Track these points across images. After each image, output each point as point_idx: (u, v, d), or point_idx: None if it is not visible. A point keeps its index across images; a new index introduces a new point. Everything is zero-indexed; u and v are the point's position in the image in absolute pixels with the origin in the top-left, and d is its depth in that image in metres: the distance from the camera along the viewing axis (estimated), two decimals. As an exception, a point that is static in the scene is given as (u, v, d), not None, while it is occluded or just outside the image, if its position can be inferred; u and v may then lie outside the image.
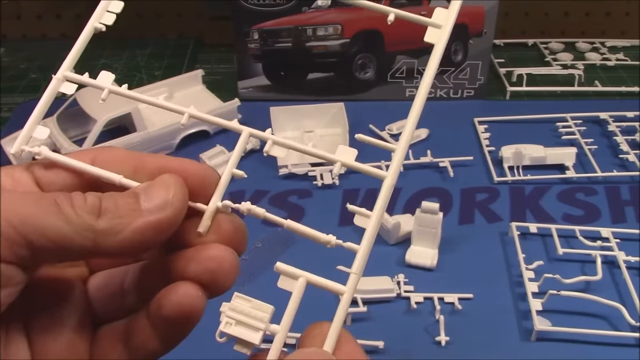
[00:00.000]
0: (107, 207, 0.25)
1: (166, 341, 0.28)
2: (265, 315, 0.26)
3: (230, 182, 0.29)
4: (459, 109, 0.85)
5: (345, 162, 0.28)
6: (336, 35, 0.81)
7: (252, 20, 0.81)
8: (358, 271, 0.26)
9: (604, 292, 0.58)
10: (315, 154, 0.29)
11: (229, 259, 0.27)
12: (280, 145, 0.29)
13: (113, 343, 0.29)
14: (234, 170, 0.29)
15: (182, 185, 0.27)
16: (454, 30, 0.29)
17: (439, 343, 0.54)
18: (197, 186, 0.28)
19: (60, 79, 0.31)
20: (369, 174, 0.28)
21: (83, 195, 0.26)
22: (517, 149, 0.73)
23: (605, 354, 0.54)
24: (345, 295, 0.26)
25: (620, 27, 1.02)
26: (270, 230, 0.65)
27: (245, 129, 0.29)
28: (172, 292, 0.26)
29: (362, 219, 0.27)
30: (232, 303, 0.26)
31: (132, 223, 0.25)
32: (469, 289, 0.59)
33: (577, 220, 0.67)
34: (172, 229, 0.26)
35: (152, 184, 0.27)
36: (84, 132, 0.74)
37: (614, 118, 0.81)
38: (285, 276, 0.26)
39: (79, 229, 0.24)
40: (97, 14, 0.31)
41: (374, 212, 0.27)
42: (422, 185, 0.72)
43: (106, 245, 0.25)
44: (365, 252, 0.27)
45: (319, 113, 0.79)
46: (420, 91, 0.28)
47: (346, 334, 0.26)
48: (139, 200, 0.26)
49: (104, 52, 0.98)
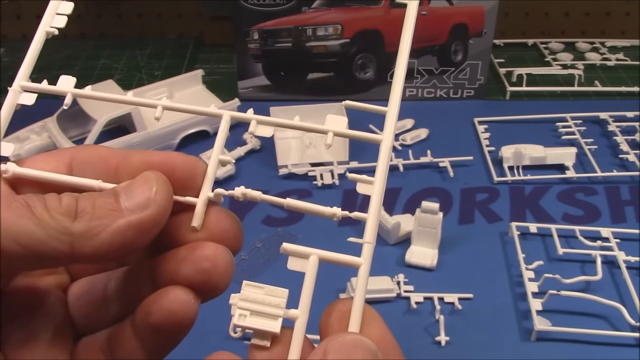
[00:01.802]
0: (84, 208, 0.23)
1: (153, 352, 0.26)
2: (282, 300, 0.24)
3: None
4: (459, 109, 0.85)
5: (337, 130, 0.27)
6: (336, 35, 0.81)
7: (252, 20, 0.81)
8: (371, 239, 0.25)
9: (604, 292, 0.58)
10: (304, 127, 0.27)
11: (224, 258, 0.25)
12: (265, 124, 0.27)
13: (95, 355, 0.27)
14: (221, 157, 0.27)
15: (164, 181, 0.25)
16: (454, 30, 0.29)
17: (439, 343, 0.54)
18: (185, 179, 0.26)
19: (18, 90, 0.29)
20: (363, 140, 0.27)
21: (58, 196, 0.24)
22: (517, 149, 0.73)
23: (605, 354, 0.54)
24: (362, 267, 0.25)
25: (620, 27, 1.02)
26: (270, 230, 0.65)
27: (226, 112, 0.28)
28: (161, 297, 0.25)
29: (365, 186, 0.26)
30: (242, 293, 0.24)
31: (111, 224, 0.23)
32: (469, 289, 0.59)
33: (577, 220, 0.67)
34: (156, 228, 0.24)
35: (133, 182, 0.25)
36: (84, 132, 0.74)
37: (614, 118, 0.81)
38: (294, 257, 0.25)
39: (54, 232, 0.22)
40: (47, 18, 0.30)
41: (375, 177, 0.26)
42: (422, 185, 0.72)
43: (85, 250, 0.23)
44: (375, 219, 0.25)
45: (319, 113, 0.79)
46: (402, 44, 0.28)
47: (370, 310, 0.25)
48: (119, 200, 0.24)
49: (104, 52, 0.98)
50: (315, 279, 0.25)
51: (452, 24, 0.81)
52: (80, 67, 0.94)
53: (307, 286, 0.24)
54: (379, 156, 0.26)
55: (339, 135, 0.27)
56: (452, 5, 0.80)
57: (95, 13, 1.01)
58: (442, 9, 0.80)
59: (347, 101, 0.27)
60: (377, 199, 0.26)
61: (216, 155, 0.27)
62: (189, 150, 0.75)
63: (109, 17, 1.02)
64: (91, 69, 0.93)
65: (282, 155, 0.74)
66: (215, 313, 0.32)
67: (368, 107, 0.27)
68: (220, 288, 0.25)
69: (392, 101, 0.27)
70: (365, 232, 0.25)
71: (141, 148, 0.72)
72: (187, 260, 0.25)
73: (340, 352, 0.22)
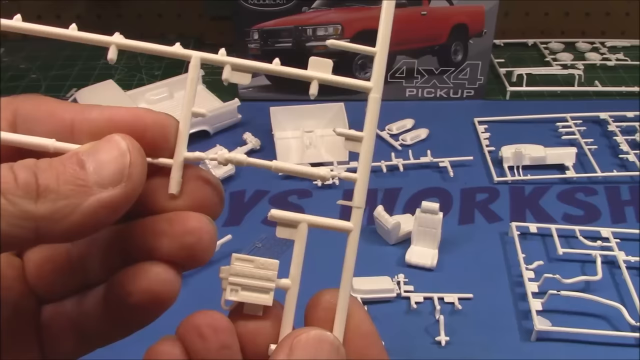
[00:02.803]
0: (46, 184, 0.20)
1: (128, 327, 0.24)
2: (273, 273, 0.24)
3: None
4: (459, 109, 0.85)
5: (322, 77, 0.24)
6: (336, 35, 0.81)
7: (252, 20, 0.81)
8: (360, 203, 0.24)
9: (604, 292, 0.58)
10: (285, 72, 0.25)
11: (208, 230, 0.23)
12: (241, 69, 0.24)
13: (63, 325, 0.24)
14: (194, 109, 0.24)
15: (138, 149, 0.22)
16: (454, 30, 0.29)
17: (439, 343, 0.54)
18: (156, 139, 0.23)
19: None
20: (350, 87, 0.25)
21: (11, 169, 0.20)
22: (517, 149, 0.73)
23: (605, 354, 0.54)
24: (352, 232, 0.24)
25: (620, 27, 1.02)
26: (270, 230, 0.65)
27: (195, 53, 0.25)
28: (141, 276, 0.22)
29: (352, 143, 0.24)
30: (232, 267, 0.23)
31: (81, 204, 0.20)
32: (469, 289, 0.59)
33: (577, 220, 0.67)
34: (130, 203, 0.21)
35: (99, 146, 0.21)
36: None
37: (614, 118, 0.81)
38: (282, 225, 0.24)
39: (14, 219, 0.19)
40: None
41: (364, 131, 0.24)
42: (422, 185, 0.72)
43: (52, 234, 0.20)
44: (365, 180, 0.24)
45: (319, 113, 0.79)
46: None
47: (355, 302, 0.24)
48: (86, 170, 0.20)
49: (104, 52, 0.97)
50: (305, 246, 0.24)
51: (452, 24, 0.81)
52: (80, 67, 0.94)
53: (296, 254, 0.24)
54: (367, 108, 0.24)
55: (324, 82, 0.24)
56: (452, 5, 0.80)
57: (95, 13, 1.01)
58: (442, 9, 0.80)
59: (330, 40, 0.24)
60: (367, 156, 0.24)
61: (188, 107, 0.24)
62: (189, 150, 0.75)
63: (109, 17, 1.02)
64: (91, 69, 0.93)
65: (282, 155, 0.74)
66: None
67: (354, 46, 0.24)
68: (204, 261, 0.23)
69: (380, 41, 0.24)
70: (354, 195, 0.24)
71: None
72: (168, 235, 0.23)
73: (306, 349, 0.22)
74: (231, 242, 0.62)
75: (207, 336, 0.23)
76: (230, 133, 0.79)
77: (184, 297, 0.25)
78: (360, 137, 0.24)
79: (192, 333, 0.23)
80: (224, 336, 0.23)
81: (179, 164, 0.23)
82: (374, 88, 0.24)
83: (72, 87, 0.88)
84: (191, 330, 0.23)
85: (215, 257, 0.61)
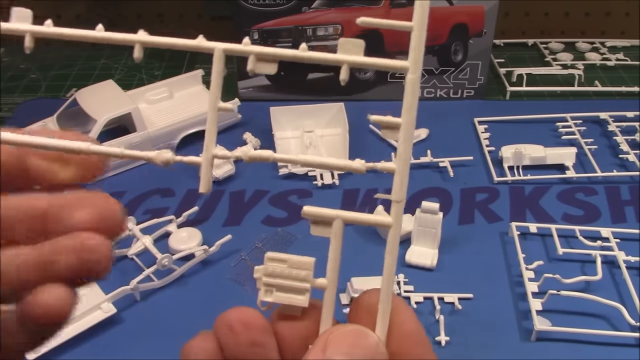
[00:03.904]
0: None
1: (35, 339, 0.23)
2: (308, 273, 0.23)
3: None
4: (459, 109, 0.85)
5: (353, 60, 0.23)
6: (336, 35, 0.81)
7: (252, 20, 0.81)
8: (400, 197, 0.22)
9: (604, 292, 0.58)
10: (313, 58, 0.23)
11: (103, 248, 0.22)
12: (266, 59, 0.23)
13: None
14: (220, 104, 0.23)
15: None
16: (454, 30, 0.28)
17: (439, 343, 0.54)
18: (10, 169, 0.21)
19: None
20: (385, 69, 0.22)
21: None
22: (517, 149, 0.73)
23: (605, 354, 0.54)
24: (392, 228, 0.22)
25: (620, 27, 1.03)
26: (270, 230, 0.65)
27: (219, 44, 0.23)
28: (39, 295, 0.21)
29: (389, 132, 0.22)
30: (266, 267, 0.23)
31: None
32: (469, 289, 0.59)
33: (577, 220, 0.67)
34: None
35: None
36: (84, 132, 0.74)
37: (614, 118, 0.81)
38: (316, 223, 0.22)
39: None
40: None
41: (402, 118, 0.22)
42: (422, 185, 0.72)
43: None
44: (404, 172, 0.22)
45: (319, 113, 0.79)
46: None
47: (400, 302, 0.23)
48: None
49: (104, 52, 0.98)
50: (341, 244, 0.22)
51: (452, 24, 0.81)
52: (80, 67, 0.94)
53: (333, 252, 0.22)
54: (405, 91, 0.22)
55: (356, 66, 0.22)
56: (452, 5, 0.80)
57: (95, 13, 1.01)
58: (442, 9, 0.80)
59: (362, 18, 0.23)
60: (406, 145, 0.22)
61: (214, 102, 0.23)
62: (189, 150, 0.75)
63: (109, 17, 1.02)
64: (91, 69, 0.93)
65: (282, 155, 0.74)
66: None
67: (389, 22, 0.22)
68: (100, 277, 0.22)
69: (417, 15, 0.22)
70: (393, 188, 0.22)
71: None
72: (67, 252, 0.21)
73: (341, 344, 0.22)
74: (231, 242, 0.62)
75: (238, 331, 0.23)
76: (230, 133, 0.79)
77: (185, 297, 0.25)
78: (397, 124, 0.22)
79: (225, 328, 0.23)
80: (256, 333, 0.23)
81: (208, 161, 0.23)
82: (411, 68, 0.21)
83: (72, 87, 0.88)
84: (224, 325, 0.23)
85: (215, 257, 0.61)
